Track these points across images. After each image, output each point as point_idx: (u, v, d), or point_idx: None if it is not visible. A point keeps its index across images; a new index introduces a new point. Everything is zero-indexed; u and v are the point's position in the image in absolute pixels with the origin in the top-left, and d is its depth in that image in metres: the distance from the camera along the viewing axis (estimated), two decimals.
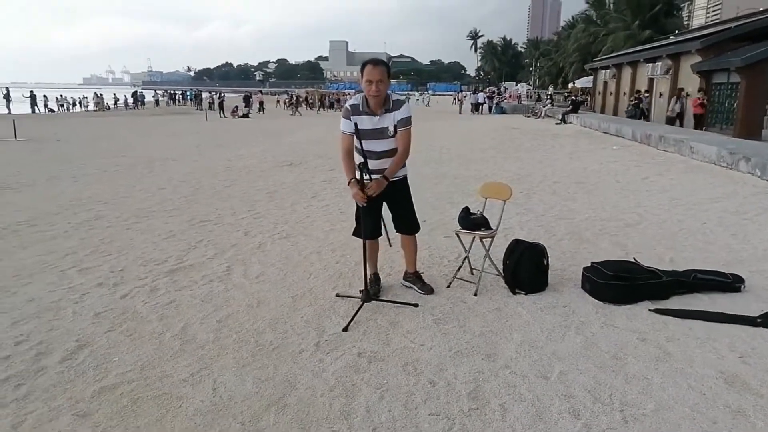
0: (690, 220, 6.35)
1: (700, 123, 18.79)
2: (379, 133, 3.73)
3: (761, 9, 25.82)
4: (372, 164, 3.72)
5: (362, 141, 3.66)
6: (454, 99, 35.27)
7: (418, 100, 51.47)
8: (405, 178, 4.02)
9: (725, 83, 19.11)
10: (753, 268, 4.57)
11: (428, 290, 4.10)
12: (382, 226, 4.07)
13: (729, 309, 3.72)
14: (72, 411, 2.59)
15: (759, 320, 3.48)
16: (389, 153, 3.78)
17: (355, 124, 3.64)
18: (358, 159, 3.75)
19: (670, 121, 19.76)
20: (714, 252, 5.08)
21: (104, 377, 2.89)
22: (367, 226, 3.85)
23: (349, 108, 3.73)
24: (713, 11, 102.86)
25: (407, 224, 4.05)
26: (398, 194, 3.94)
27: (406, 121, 3.73)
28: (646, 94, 23.87)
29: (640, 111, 22.62)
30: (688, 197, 7.70)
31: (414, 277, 4.20)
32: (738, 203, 7.28)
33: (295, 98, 40.79)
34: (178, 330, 3.47)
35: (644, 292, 3.90)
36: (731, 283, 4.07)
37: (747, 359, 3.06)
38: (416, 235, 4.14)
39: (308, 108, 42.35)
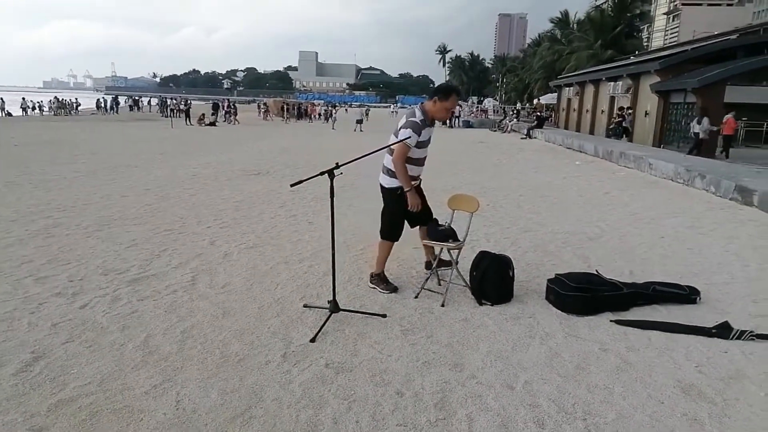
0: (649, 234, 6.56)
1: (728, 145, 17.21)
2: (428, 143, 4.30)
3: (716, 33, 27.07)
4: (418, 171, 4.33)
5: (419, 150, 4.19)
6: None
7: (394, 112, 53.31)
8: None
9: (682, 103, 19.90)
10: (707, 281, 4.74)
11: (392, 289, 4.35)
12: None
13: (686, 320, 3.85)
14: (27, 425, 2.50)
15: (714, 331, 3.62)
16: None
17: (419, 153, 4.23)
18: (410, 169, 4.21)
19: (697, 146, 16.64)
20: (671, 265, 5.25)
21: (62, 390, 2.80)
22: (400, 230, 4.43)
23: (419, 123, 4.13)
24: (671, 33, 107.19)
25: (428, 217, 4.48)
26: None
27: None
28: (629, 111, 22.51)
29: (622, 129, 21.52)
30: (647, 212, 7.96)
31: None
32: (693, 218, 7.56)
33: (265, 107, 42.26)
34: (140, 341, 3.38)
35: (606, 303, 4.01)
36: (688, 295, 4.22)
37: (702, 368, 3.17)
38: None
39: (278, 117, 42.23)
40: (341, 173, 3.62)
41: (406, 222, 4.46)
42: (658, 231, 6.72)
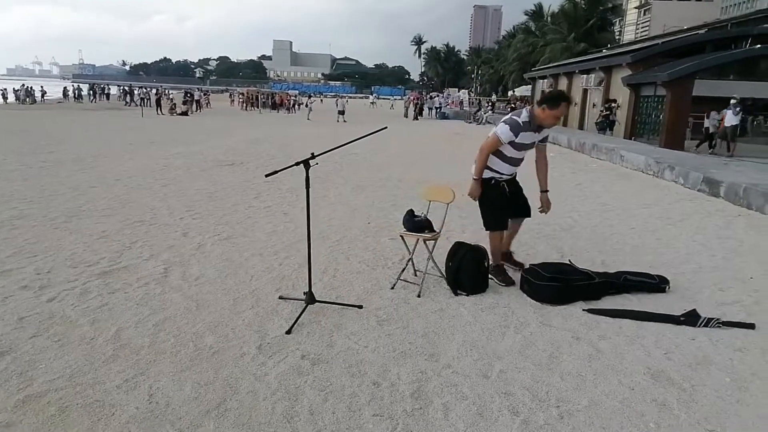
0: (620, 224, 6.69)
1: (710, 138, 16.88)
2: (529, 146, 4.36)
3: (685, 27, 27.61)
4: (510, 170, 4.42)
5: (514, 150, 4.27)
6: (408, 103, 36.15)
7: (373, 103, 54.27)
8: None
9: (652, 96, 20.29)
10: (676, 270, 4.86)
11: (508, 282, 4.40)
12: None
13: (655, 308, 3.93)
14: None
15: (682, 318, 3.71)
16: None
17: (515, 153, 4.30)
18: (499, 165, 4.35)
19: (708, 138, 16.39)
20: (641, 255, 5.36)
21: (29, 385, 2.72)
22: (504, 218, 4.47)
23: (521, 124, 4.19)
24: (642, 27, 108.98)
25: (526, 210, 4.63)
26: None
27: (547, 138, 4.52)
28: (616, 105, 21.89)
29: (609, 123, 21.07)
30: (618, 203, 8.11)
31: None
32: (663, 209, 7.73)
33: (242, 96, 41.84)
34: (111, 335, 3.31)
35: (578, 292, 4.07)
36: (657, 284, 4.31)
37: (671, 355, 3.25)
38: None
39: (251, 107, 41.56)
40: (317, 163, 3.58)
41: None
42: (628, 222, 6.85)
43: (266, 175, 3.69)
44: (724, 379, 2.99)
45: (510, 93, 50.38)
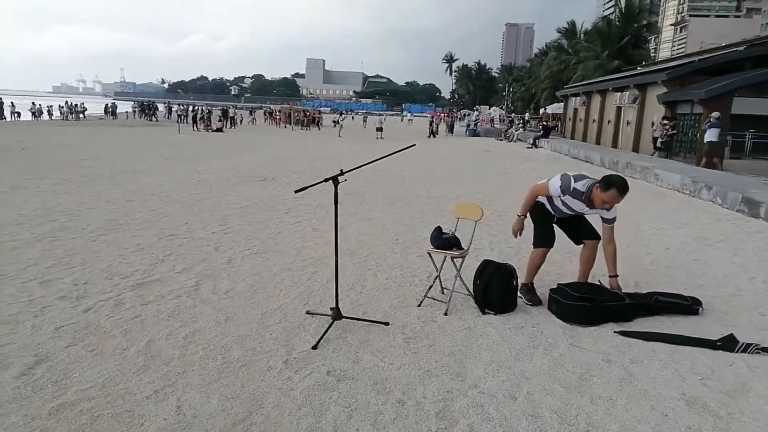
0: (654, 245, 6.53)
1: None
2: (572, 212, 4.33)
3: (723, 44, 27.03)
4: (558, 213, 4.39)
5: (557, 207, 4.32)
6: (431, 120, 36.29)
7: (410, 120, 55.40)
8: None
9: (689, 114, 19.83)
10: (713, 293, 4.71)
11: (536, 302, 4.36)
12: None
13: (690, 332, 3.81)
14: (28, 429, 2.50)
15: (719, 344, 3.58)
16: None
17: (558, 205, 4.30)
18: (549, 203, 4.36)
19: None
20: (676, 277, 5.22)
21: (63, 394, 2.80)
22: (549, 235, 4.41)
23: (573, 189, 4.13)
24: (679, 44, 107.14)
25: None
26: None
27: (613, 220, 4.31)
28: (671, 123, 19.19)
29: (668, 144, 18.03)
30: (652, 223, 7.92)
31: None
32: (699, 229, 7.52)
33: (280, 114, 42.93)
34: (142, 346, 3.39)
35: (609, 313, 3.98)
36: (690, 306, 4.19)
37: (707, 381, 3.14)
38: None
39: (285, 125, 42.23)
40: (345, 180, 3.62)
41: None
42: (663, 242, 6.68)
43: (296, 191, 3.74)
44: (764, 408, 2.87)
45: (542, 111, 49.98)
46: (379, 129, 31.36)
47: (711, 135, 16.14)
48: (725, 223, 8.02)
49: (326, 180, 3.63)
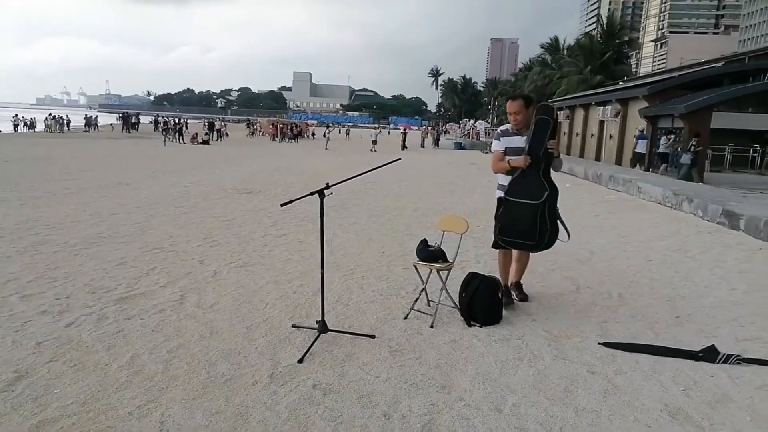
0: (637, 257, 6.61)
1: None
2: (521, 151, 4.35)
3: (702, 60, 27.65)
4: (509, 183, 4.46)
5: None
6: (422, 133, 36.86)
7: (405, 133, 55.81)
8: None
9: (670, 128, 20.19)
10: (694, 304, 4.78)
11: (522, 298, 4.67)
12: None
13: (673, 343, 3.86)
14: None
15: (700, 354, 3.63)
16: None
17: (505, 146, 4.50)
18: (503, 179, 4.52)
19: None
20: (659, 288, 5.28)
21: (43, 410, 2.75)
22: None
23: (500, 132, 4.60)
24: (659, 60, 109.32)
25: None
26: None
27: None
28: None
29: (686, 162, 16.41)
30: (635, 235, 8.03)
31: (517, 286, 4.79)
32: (681, 242, 7.63)
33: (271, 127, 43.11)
34: (125, 361, 3.35)
35: None
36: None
37: (689, 392, 3.18)
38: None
39: (273, 137, 42.15)
40: (331, 193, 3.64)
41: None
42: (646, 254, 6.77)
43: (281, 205, 3.75)
44: (745, 418, 2.91)
45: None
46: (374, 142, 32.60)
47: (640, 147, 19.57)
48: (706, 235, 8.15)
49: (312, 194, 3.64)
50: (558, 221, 4.40)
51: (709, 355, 3.62)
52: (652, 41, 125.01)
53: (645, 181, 12.93)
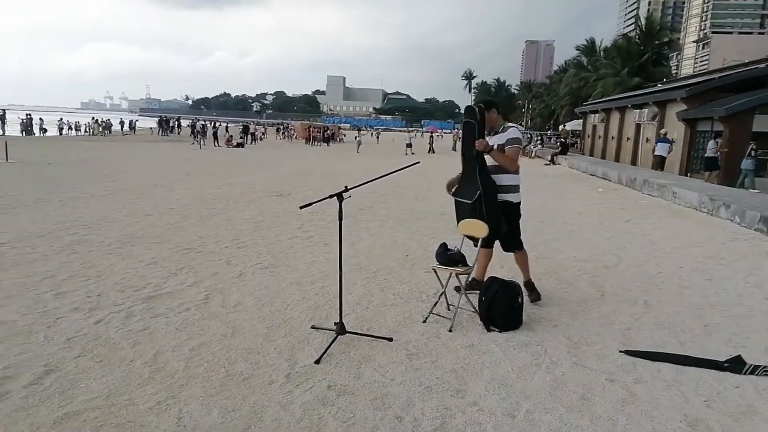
0: (667, 263, 6.44)
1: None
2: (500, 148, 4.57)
3: (746, 61, 26.69)
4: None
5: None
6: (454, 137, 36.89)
7: (440, 137, 56.10)
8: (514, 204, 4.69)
9: (709, 131, 19.57)
10: (725, 313, 4.63)
11: (535, 298, 4.73)
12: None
13: (698, 353, 3.76)
14: None
15: (726, 365, 3.53)
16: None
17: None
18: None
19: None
20: (688, 296, 5.14)
21: (69, 403, 2.87)
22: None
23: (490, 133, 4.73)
24: (701, 61, 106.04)
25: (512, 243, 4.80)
26: (510, 217, 4.67)
27: (510, 141, 4.56)
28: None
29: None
30: (667, 241, 7.82)
31: (527, 286, 4.78)
32: (716, 248, 7.40)
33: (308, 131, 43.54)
34: (149, 357, 3.46)
35: None
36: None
37: (711, 403, 3.09)
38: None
39: (306, 141, 42.64)
40: (350, 196, 3.68)
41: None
42: (677, 260, 6.59)
43: (300, 207, 3.82)
44: None
45: (561, 127, 49.73)
46: (409, 145, 32.69)
47: (660, 150, 19.55)
48: (742, 242, 7.88)
49: (330, 197, 3.70)
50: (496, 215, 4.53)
51: (736, 365, 3.51)
52: (693, 42, 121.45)
53: (680, 186, 12.57)
